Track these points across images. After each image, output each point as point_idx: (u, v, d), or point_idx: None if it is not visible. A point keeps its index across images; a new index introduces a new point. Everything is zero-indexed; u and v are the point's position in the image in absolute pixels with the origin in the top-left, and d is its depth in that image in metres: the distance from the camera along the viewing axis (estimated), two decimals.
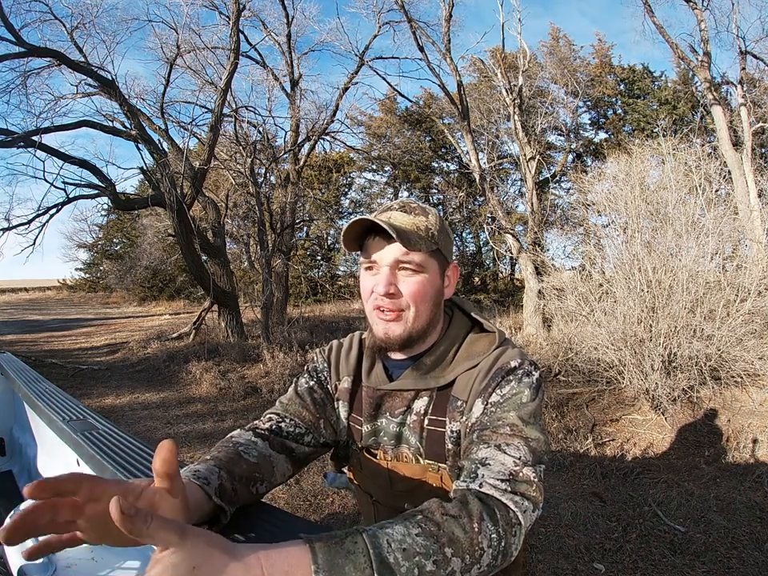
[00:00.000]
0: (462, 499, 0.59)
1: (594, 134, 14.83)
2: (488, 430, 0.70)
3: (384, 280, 0.77)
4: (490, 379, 0.77)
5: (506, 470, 0.64)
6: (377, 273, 0.80)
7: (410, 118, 15.28)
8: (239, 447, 0.75)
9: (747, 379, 3.75)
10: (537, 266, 7.43)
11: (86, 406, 1.47)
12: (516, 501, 0.61)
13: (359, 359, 0.94)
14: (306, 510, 2.77)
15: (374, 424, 0.89)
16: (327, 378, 0.96)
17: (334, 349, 0.99)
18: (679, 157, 4.92)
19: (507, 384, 0.75)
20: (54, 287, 24.62)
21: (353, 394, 0.93)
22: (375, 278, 0.80)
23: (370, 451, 0.91)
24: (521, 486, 0.63)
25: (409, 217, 0.80)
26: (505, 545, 0.57)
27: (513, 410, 0.72)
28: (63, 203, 7.63)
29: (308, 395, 0.92)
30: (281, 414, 0.88)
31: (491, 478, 0.63)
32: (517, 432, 0.69)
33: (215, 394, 5.51)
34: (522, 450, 0.67)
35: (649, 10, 8.24)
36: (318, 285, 15.46)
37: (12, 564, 0.95)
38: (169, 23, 8.41)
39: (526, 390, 0.74)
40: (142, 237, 14.91)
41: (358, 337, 1.00)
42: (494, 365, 0.79)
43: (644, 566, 2.17)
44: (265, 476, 0.74)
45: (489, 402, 0.75)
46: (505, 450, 0.67)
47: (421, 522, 0.53)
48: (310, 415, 0.90)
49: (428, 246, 0.78)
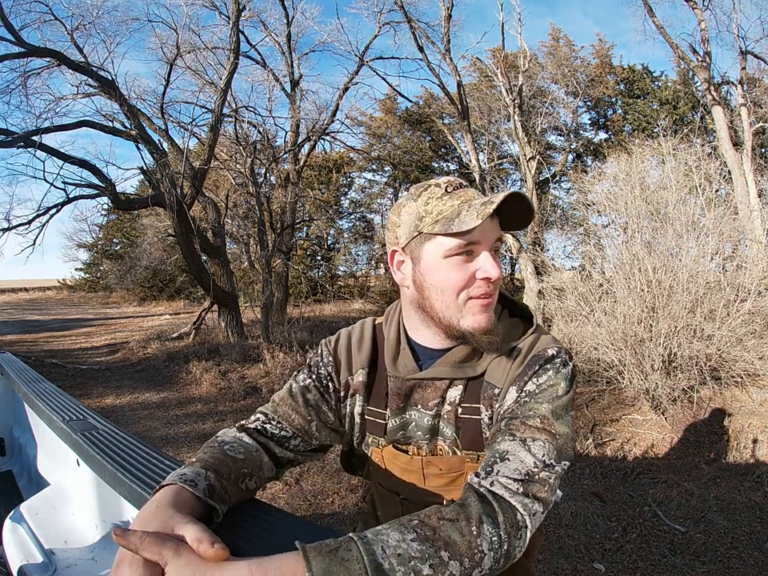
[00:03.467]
0: (462, 502, 0.58)
1: (594, 134, 14.86)
2: (518, 420, 0.68)
3: (495, 264, 0.72)
4: (526, 366, 0.74)
5: (524, 469, 0.62)
6: (469, 260, 0.73)
7: (410, 118, 15.28)
8: (224, 446, 0.73)
9: (747, 379, 3.74)
10: (537, 266, 7.43)
11: (86, 406, 1.46)
12: (526, 503, 0.59)
13: (374, 348, 0.88)
14: (305, 510, 2.77)
15: (403, 417, 0.83)
16: (333, 374, 0.89)
17: (342, 340, 0.91)
18: (679, 157, 4.92)
19: (545, 373, 0.72)
20: (53, 287, 24.64)
21: (369, 386, 0.87)
22: (471, 264, 0.73)
23: (399, 447, 0.84)
24: (533, 487, 0.61)
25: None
26: (508, 547, 0.55)
27: (547, 401, 0.70)
28: (63, 203, 7.62)
29: (301, 396, 0.86)
30: (269, 416, 0.84)
31: (504, 476, 0.61)
32: (546, 426, 0.67)
33: (215, 393, 5.51)
34: (546, 447, 0.65)
35: (649, 10, 8.24)
36: (318, 285, 15.46)
37: (12, 564, 0.95)
38: (169, 23, 8.40)
39: (563, 382, 0.72)
40: (142, 237, 14.92)
41: (370, 324, 0.92)
42: (530, 351, 0.76)
43: (644, 566, 2.17)
44: (253, 471, 0.73)
45: (524, 390, 0.72)
46: (529, 446, 0.65)
47: (416, 528, 0.52)
48: (300, 418, 0.84)
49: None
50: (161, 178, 7.19)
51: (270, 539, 0.60)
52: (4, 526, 1.07)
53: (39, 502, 1.17)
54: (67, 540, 1.06)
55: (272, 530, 0.63)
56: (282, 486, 3.02)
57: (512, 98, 8.76)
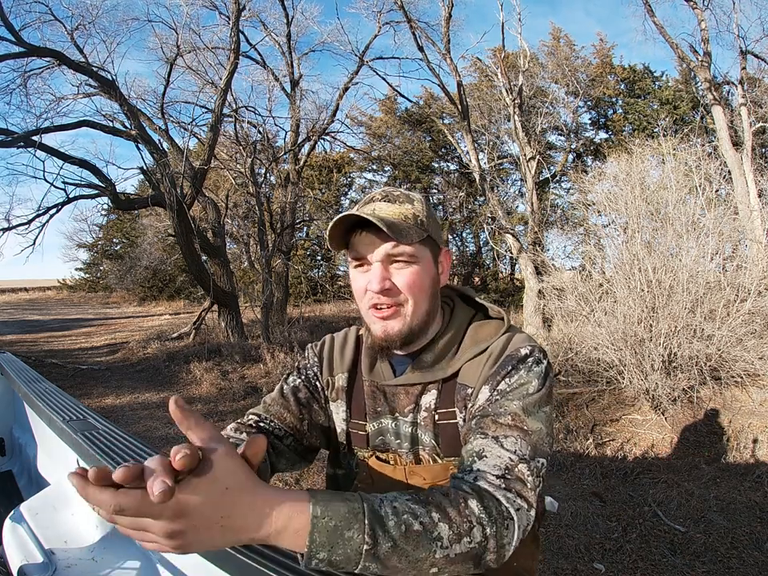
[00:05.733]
0: (453, 484, 0.62)
1: (595, 134, 14.84)
2: (488, 419, 0.69)
3: (377, 276, 0.73)
4: (499, 366, 0.74)
5: (502, 464, 0.63)
6: (367, 270, 0.76)
7: (411, 118, 15.27)
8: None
9: (747, 379, 3.74)
10: (537, 266, 7.43)
11: (86, 406, 1.46)
12: (509, 497, 0.60)
13: (356, 354, 0.90)
14: None
15: (380, 422, 0.84)
16: (318, 374, 0.91)
17: (326, 343, 0.94)
18: (679, 157, 4.92)
19: (516, 372, 0.73)
20: (54, 287, 24.62)
21: (350, 392, 0.88)
22: (367, 275, 0.75)
23: (380, 458, 0.84)
24: (515, 484, 0.62)
25: (394, 206, 0.75)
26: (496, 531, 0.57)
27: (517, 399, 0.70)
28: (63, 203, 7.63)
29: (292, 395, 0.87)
30: (261, 415, 0.85)
31: (485, 472, 0.62)
32: (518, 422, 0.67)
33: (215, 394, 5.51)
34: (518, 443, 0.65)
35: (649, 10, 8.24)
36: (318, 285, 15.46)
37: (12, 564, 0.95)
38: (169, 23, 8.42)
39: (534, 381, 0.72)
40: (142, 237, 14.92)
41: (354, 331, 0.94)
42: (503, 350, 0.76)
43: (644, 566, 2.17)
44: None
45: (496, 389, 0.72)
46: (502, 442, 0.65)
47: (412, 493, 0.58)
48: (292, 417, 0.85)
49: (419, 234, 0.74)
50: (161, 178, 7.19)
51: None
52: (4, 526, 1.07)
53: (39, 502, 1.17)
54: (67, 540, 1.06)
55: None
56: (281, 486, 3.03)
57: (512, 98, 8.76)
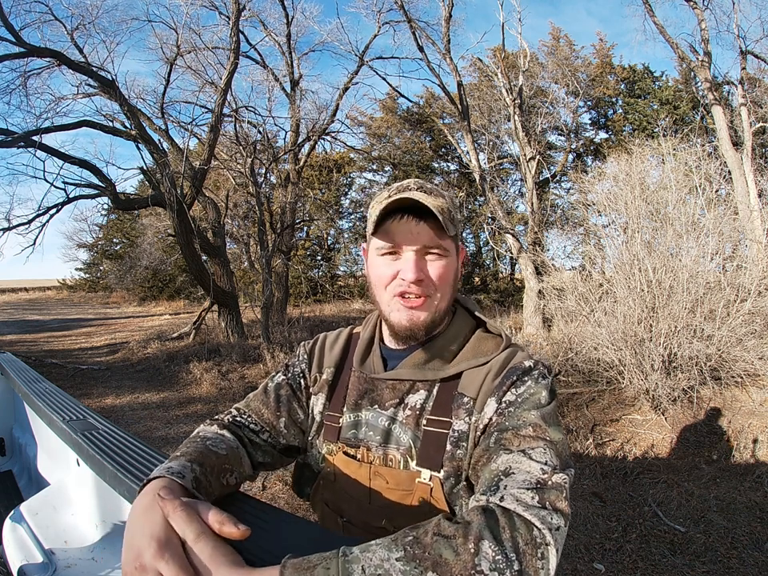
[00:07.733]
0: (465, 517, 0.52)
1: (594, 134, 14.84)
2: (508, 433, 0.64)
3: (414, 266, 0.73)
4: (503, 377, 0.73)
5: (533, 478, 0.57)
6: (397, 258, 0.76)
7: (411, 118, 15.27)
8: (207, 441, 0.75)
9: (747, 379, 3.74)
10: (537, 266, 7.44)
11: (86, 406, 1.46)
12: (543, 516, 0.52)
13: (345, 350, 0.91)
14: (305, 510, 2.77)
15: (357, 415, 0.83)
16: (305, 370, 0.92)
17: (319, 340, 0.96)
18: (679, 157, 4.92)
19: (523, 384, 0.71)
20: (54, 287, 24.64)
21: (333, 385, 0.88)
22: (397, 263, 0.76)
23: (348, 453, 0.81)
24: (550, 495, 0.55)
25: (431, 198, 0.74)
26: (521, 567, 0.48)
27: (533, 408, 0.67)
28: (63, 203, 7.64)
29: (273, 392, 0.89)
30: (240, 409, 0.88)
31: (515, 488, 0.56)
32: (540, 433, 0.63)
33: (215, 394, 5.51)
34: (547, 452, 0.61)
35: (649, 10, 8.24)
36: (318, 285, 15.46)
37: (12, 564, 0.95)
38: (169, 23, 8.43)
39: (544, 392, 0.70)
40: (142, 237, 14.89)
41: (348, 330, 0.96)
42: (506, 364, 0.75)
43: (644, 566, 2.17)
44: (234, 467, 0.74)
45: (503, 400, 0.70)
46: (530, 454, 0.60)
47: (407, 545, 0.49)
48: (269, 413, 0.86)
49: (454, 229, 0.76)
50: (161, 178, 7.19)
51: (269, 539, 0.60)
52: (4, 526, 1.07)
53: (39, 501, 1.17)
54: (67, 540, 1.07)
55: (272, 530, 0.63)
56: (281, 486, 3.02)
57: (512, 98, 8.76)
